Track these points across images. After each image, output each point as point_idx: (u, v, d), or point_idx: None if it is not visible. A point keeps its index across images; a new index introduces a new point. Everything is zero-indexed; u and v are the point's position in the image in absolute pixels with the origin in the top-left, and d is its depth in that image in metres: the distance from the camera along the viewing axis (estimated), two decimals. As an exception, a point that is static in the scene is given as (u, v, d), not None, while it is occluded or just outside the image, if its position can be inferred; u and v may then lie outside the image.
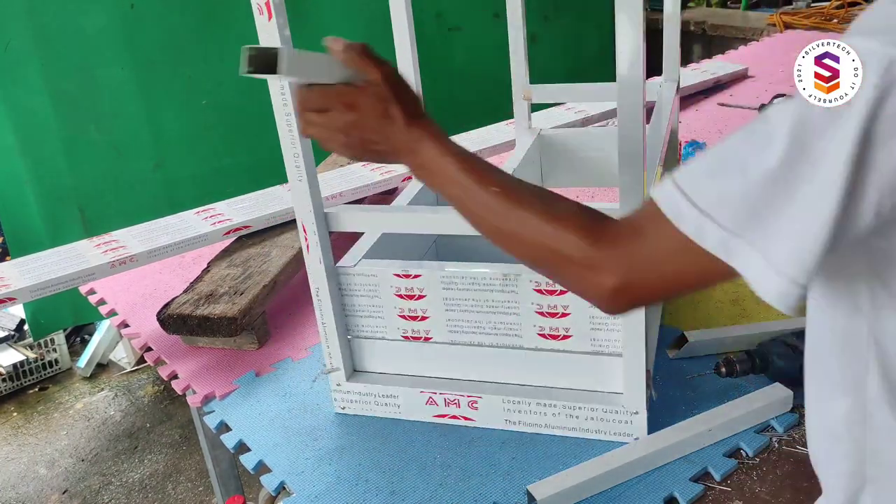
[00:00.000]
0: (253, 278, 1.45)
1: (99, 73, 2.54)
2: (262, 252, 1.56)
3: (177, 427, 2.78)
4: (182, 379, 1.33)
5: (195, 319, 1.35)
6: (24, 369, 3.02)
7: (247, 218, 1.64)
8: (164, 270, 1.69)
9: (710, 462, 1.02)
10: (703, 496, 0.98)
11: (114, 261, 1.48)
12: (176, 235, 1.58)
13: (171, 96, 2.67)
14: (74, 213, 2.60)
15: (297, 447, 1.12)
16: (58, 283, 1.44)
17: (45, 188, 2.55)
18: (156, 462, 2.63)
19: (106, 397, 2.99)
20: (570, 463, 1.03)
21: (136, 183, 2.68)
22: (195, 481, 2.53)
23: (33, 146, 2.50)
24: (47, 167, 2.53)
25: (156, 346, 1.43)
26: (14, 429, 2.86)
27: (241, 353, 1.37)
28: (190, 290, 1.44)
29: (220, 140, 2.78)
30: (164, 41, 2.61)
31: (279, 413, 1.20)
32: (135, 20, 2.55)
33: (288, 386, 1.27)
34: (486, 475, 1.03)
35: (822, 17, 3.43)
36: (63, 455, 2.71)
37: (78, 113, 2.54)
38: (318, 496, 1.03)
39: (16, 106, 2.45)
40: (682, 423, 1.05)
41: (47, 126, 2.50)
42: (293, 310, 1.50)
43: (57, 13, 2.43)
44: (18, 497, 2.54)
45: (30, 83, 2.45)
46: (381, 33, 3.30)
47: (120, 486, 2.55)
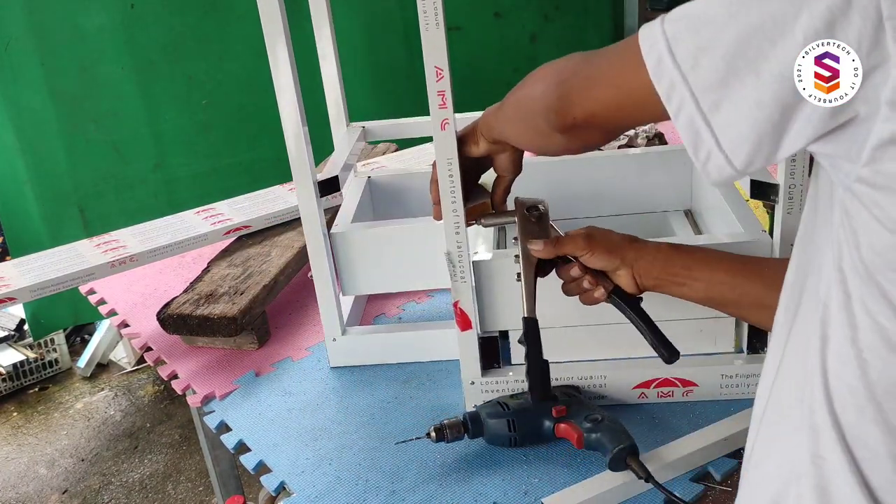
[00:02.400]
0: (253, 278, 1.45)
1: (99, 73, 2.54)
2: (262, 252, 1.56)
3: (177, 427, 2.78)
4: (182, 379, 1.33)
5: (195, 319, 1.35)
6: (24, 369, 3.03)
7: (247, 218, 1.64)
8: (164, 270, 1.69)
9: (711, 462, 1.02)
10: (704, 496, 0.98)
11: (114, 261, 1.48)
12: (176, 235, 1.58)
13: (171, 96, 2.67)
14: (74, 213, 2.61)
15: (297, 447, 1.12)
16: (58, 283, 1.44)
17: (45, 188, 2.55)
18: (156, 462, 2.63)
19: (106, 397, 2.99)
20: (573, 463, 1.03)
21: (136, 183, 2.68)
22: (195, 481, 2.53)
23: (33, 146, 2.50)
24: (47, 167, 2.54)
25: (156, 346, 1.43)
26: (14, 429, 2.86)
27: (241, 353, 1.37)
28: (190, 290, 1.44)
29: (220, 140, 2.78)
30: (164, 41, 2.62)
31: (279, 413, 1.20)
32: (135, 20, 2.55)
33: (288, 386, 1.27)
34: (486, 475, 1.03)
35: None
36: (63, 455, 2.71)
37: (78, 113, 2.54)
38: (319, 496, 1.03)
39: (16, 105, 2.45)
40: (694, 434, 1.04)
41: (47, 126, 2.50)
42: (293, 310, 1.50)
43: (57, 13, 2.43)
44: (18, 497, 2.54)
45: (30, 83, 2.45)
46: (381, 33, 3.31)
47: (120, 486, 2.55)
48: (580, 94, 0.74)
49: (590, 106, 0.73)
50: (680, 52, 0.58)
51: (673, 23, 0.59)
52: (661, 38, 0.59)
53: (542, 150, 0.88)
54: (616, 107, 0.69)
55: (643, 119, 0.70)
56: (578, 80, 0.74)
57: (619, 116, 0.71)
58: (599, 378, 1.11)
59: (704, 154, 0.59)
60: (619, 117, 0.72)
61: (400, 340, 1.28)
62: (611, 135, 0.81)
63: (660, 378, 1.10)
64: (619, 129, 0.82)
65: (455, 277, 1.04)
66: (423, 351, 1.27)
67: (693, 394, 1.11)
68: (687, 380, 1.10)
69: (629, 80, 0.63)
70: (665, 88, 0.59)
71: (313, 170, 1.17)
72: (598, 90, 0.71)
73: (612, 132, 0.81)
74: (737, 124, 0.56)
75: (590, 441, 0.99)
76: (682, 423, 1.08)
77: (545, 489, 0.99)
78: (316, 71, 1.44)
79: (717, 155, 0.58)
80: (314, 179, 1.17)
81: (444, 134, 0.96)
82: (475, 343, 1.10)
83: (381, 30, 2.97)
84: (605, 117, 0.72)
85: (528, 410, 1.04)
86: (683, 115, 0.58)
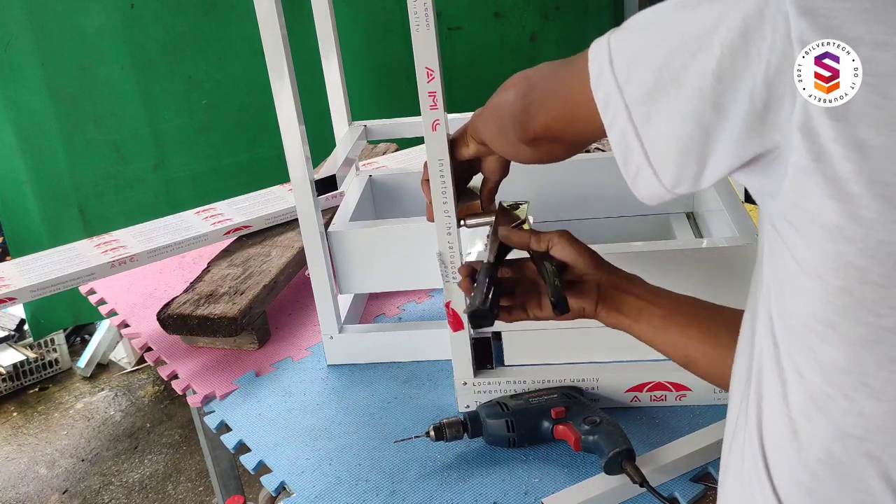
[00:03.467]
0: (253, 278, 1.45)
1: (99, 73, 2.54)
2: (262, 252, 1.56)
3: (177, 427, 2.78)
4: (182, 379, 1.33)
5: (195, 319, 1.35)
6: (24, 369, 3.02)
7: (247, 218, 1.64)
8: (164, 270, 1.69)
9: (711, 462, 1.01)
10: (704, 496, 0.98)
11: (114, 261, 1.48)
12: (176, 235, 1.58)
13: (171, 96, 2.67)
14: (74, 213, 2.60)
15: (297, 447, 1.12)
16: (58, 283, 1.44)
17: (45, 188, 2.55)
18: (156, 462, 2.63)
19: (106, 397, 2.99)
20: (573, 463, 1.03)
21: (136, 183, 2.68)
22: (195, 481, 2.53)
23: (33, 146, 2.50)
24: (47, 167, 2.53)
25: (156, 346, 1.43)
26: (14, 429, 2.86)
27: (241, 353, 1.37)
28: (190, 290, 1.44)
29: (220, 140, 2.78)
30: (164, 41, 2.61)
31: (279, 413, 1.20)
32: (135, 20, 2.55)
33: (288, 386, 1.27)
34: (486, 475, 1.03)
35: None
36: (63, 455, 2.71)
37: (78, 113, 2.54)
38: (319, 496, 1.03)
39: (16, 105, 2.45)
40: (693, 435, 1.04)
41: (47, 126, 2.50)
42: (293, 310, 1.50)
43: (57, 13, 2.43)
44: (18, 497, 2.54)
45: (30, 83, 2.45)
46: (382, 33, 3.31)
47: (120, 486, 2.55)
48: (538, 106, 0.72)
49: (544, 119, 0.71)
50: (618, 64, 0.56)
51: (618, 33, 0.58)
52: (604, 50, 0.58)
53: (513, 158, 0.86)
54: (569, 120, 0.68)
55: (597, 133, 0.64)
56: (537, 94, 0.73)
57: (574, 130, 0.69)
58: (592, 381, 1.11)
59: (634, 169, 0.57)
60: (575, 131, 0.69)
61: (398, 339, 1.28)
62: (574, 148, 0.78)
63: (653, 382, 1.10)
64: (578, 143, 0.77)
65: (447, 278, 1.04)
66: (422, 350, 1.27)
67: (686, 398, 1.11)
68: (680, 384, 1.10)
69: (577, 92, 0.62)
70: (602, 99, 0.57)
71: (310, 168, 1.18)
72: (551, 103, 0.70)
73: (573, 145, 0.77)
74: (663, 137, 0.55)
75: (587, 443, 0.99)
76: (681, 423, 1.08)
77: (545, 489, 0.99)
78: (318, 70, 1.44)
79: (646, 169, 0.56)
80: (311, 178, 1.17)
81: (435, 135, 0.96)
82: (467, 344, 1.10)
83: (382, 29, 2.97)
84: (561, 130, 0.71)
85: (527, 411, 1.04)
86: (616, 127, 0.57)
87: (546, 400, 1.05)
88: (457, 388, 1.13)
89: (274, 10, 1.06)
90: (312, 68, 1.49)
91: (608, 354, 1.14)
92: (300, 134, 1.14)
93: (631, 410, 1.11)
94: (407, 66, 3.16)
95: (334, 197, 1.50)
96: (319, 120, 1.53)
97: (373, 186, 1.50)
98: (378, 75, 2.99)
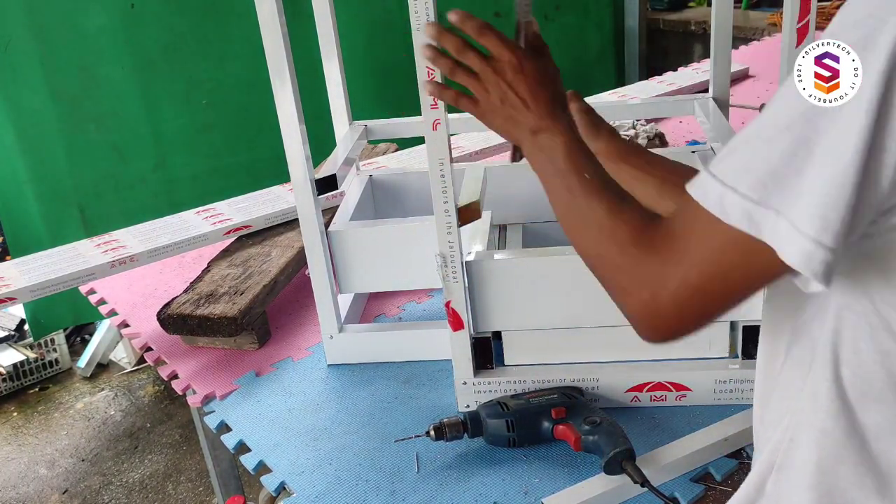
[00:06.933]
0: (253, 278, 1.45)
1: (99, 73, 2.54)
2: (262, 252, 1.56)
3: (177, 427, 2.78)
4: (182, 379, 1.33)
5: (195, 319, 1.35)
6: (24, 369, 3.02)
7: (247, 218, 1.64)
8: (164, 270, 1.69)
9: (711, 462, 1.02)
10: (704, 496, 0.98)
11: (114, 261, 1.48)
12: (176, 235, 1.58)
13: (171, 96, 2.67)
14: (74, 213, 2.60)
15: (297, 447, 1.12)
16: (58, 283, 1.44)
17: (45, 188, 2.55)
18: (156, 462, 2.63)
19: (106, 397, 2.99)
20: (573, 463, 1.03)
21: (136, 183, 2.68)
22: (195, 481, 2.53)
23: (33, 146, 2.50)
24: (47, 167, 2.53)
25: (156, 346, 1.43)
26: (14, 429, 2.86)
27: (241, 353, 1.37)
28: (190, 290, 1.44)
29: (220, 140, 2.78)
30: (164, 41, 2.61)
31: (279, 413, 1.20)
32: (135, 20, 2.55)
33: (288, 386, 1.27)
34: (486, 475, 1.03)
35: (823, 17, 3.43)
36: (63, 455, 2.71)
37: (78, 113, 2.54)
38: (319, 496, 1.03)
39: (16, 106, 2.45)
40: (694, 435, 1.04)
41: (47, 126, 2.50)
42: (293, 310, 1.50)
43: (57, 12, 2.43)
44: (18, 497, 2.54)
45: (30, 83, 2.45)
46: (382, 33, 3.31)
47: (120, 486, 2.55)
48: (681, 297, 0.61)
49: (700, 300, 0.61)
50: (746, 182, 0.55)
51: (719, 165, 0.57)
52: (713, 183, 0.57)
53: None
54: (721, 276, 0.60)
55: (758, 278, 0.60)
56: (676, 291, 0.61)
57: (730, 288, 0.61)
58: (592, 381, 1.11)
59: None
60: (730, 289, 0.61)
61: (397, 339, 1.28)
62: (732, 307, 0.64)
63: (653, 382, 1.10)
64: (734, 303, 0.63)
65: (447, 277, 1.04)
66: (422, 350, 1.27)
67: (686, 398, 1.11)
68: (680, 384, 1.10)
69: (716, 244, 0.58)
70: (746, 219, 0.55)
71: (310, 168, 1.18)
72: (694, 275, 0.60)
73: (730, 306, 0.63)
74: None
75: (587, 443, 0.99)
76: (681, 423, 1.08)
77: (545, 489, 0.99)
78: (318, 70, 1.44)
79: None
80: (311, 177, 1.17)
81: (435, 134, 0.96)
82: (467, 343, 1.10)
83: (383, 29, 2.97)
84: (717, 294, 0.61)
85: (527, 411, 1.04)
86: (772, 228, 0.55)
87: (546, 400, 1.05)
88: (457, 387, 1.13)
89: (275, 10, 1.06)
90: (313, 68, 1.49)
91: (608, 354, 1.14)
92: (300, 134, 1.14)
93: (631, 410, 1.11)
94: (407, 66, 3.17)
95: (334, 197, 1.50)
96: (319, 120, 1.53)
97: (373, 186, 1.50)
98: (378, 75, 2.98)
